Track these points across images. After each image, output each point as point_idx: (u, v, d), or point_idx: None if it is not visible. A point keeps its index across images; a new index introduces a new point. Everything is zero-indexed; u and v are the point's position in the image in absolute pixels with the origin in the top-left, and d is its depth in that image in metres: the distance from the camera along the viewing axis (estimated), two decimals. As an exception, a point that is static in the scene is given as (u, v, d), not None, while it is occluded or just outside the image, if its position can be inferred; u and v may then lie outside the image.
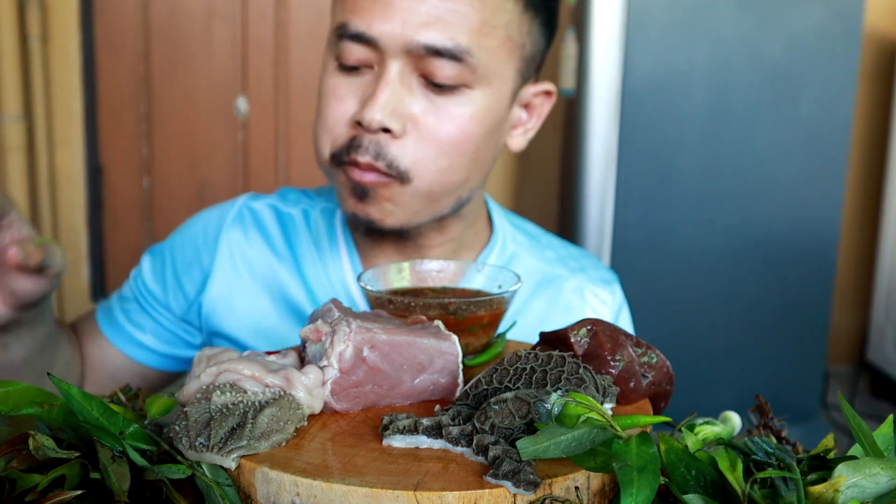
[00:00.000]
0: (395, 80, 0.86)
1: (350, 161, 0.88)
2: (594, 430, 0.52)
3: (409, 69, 0.86)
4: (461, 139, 0.88)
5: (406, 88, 0.86)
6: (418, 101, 0.87)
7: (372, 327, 0.63)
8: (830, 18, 2.37)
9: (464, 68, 0.86)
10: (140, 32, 3.12)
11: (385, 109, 0.85)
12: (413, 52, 0.85)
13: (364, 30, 0.85)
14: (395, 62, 0.85)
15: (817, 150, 2.44)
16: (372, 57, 0.87)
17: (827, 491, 0.50)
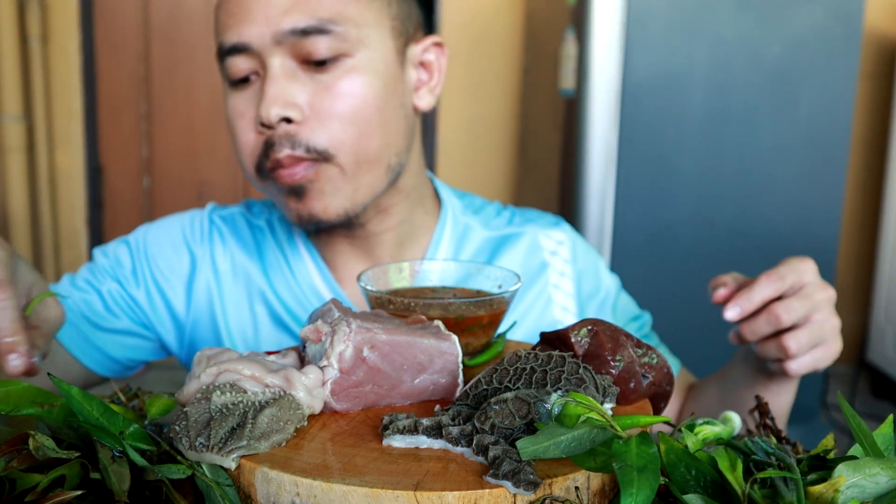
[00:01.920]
0: (278, 74, 0.89)
1: (272, 165, 0.90)
2: (594, 430, 0.52)
3: (288, 60, 0.89)
4: (360, 104, 0.90)
5: (291, 79, 0.89)
6: (306, 87, 0.89)
7: (372, 327, 0.63)
8: (830, 18, 2.37)
9: (334, 39, 0.89)
10: (140, 32, 3.12)
11: (277, 102, 0.88)
12: (284, 42, 0.88)
13: (236, 40, 0.89)
14: (273, 58, 0.89)
15: (817, 150, 2.44)
16: (254, 64, 0.90)
17: (827, 491, 0.50)
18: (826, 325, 0.85)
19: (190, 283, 1.02)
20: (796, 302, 0.84)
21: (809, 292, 0.85)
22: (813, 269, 0.87)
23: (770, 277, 0.85)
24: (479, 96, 3.20)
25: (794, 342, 0.84)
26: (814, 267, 0.87)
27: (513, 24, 3.18)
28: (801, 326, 0.84)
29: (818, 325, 0.85)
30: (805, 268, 0.86)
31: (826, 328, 0.85)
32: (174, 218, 1.07)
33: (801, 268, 0.86)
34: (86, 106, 3.09)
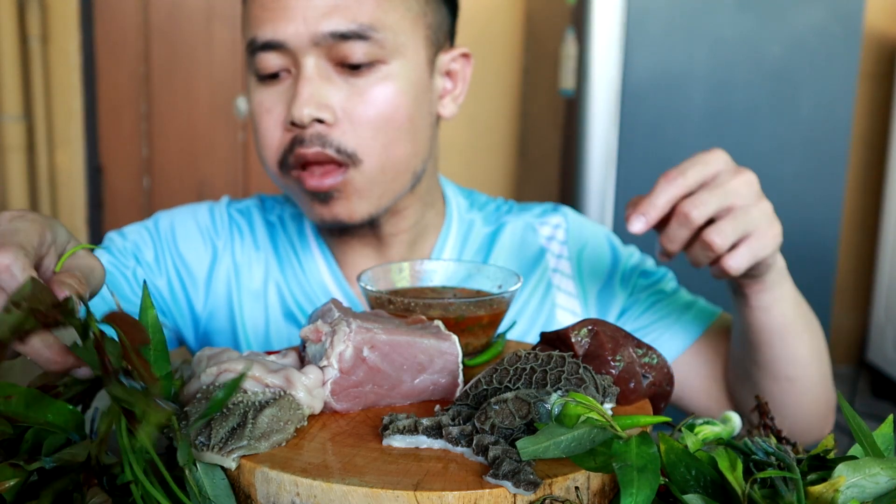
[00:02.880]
0: (312, 74, 0.89)
1: (296, 160, 0.90)
2: (594, 430, 0.52)
3: (323, 61, 0.89)
4: (392, 112, 0.91)
5: (325, 80, 0.89)
6: (340, 90, 0.90)
7: (372, 327, 0.63)
8: (830, 18, 2.37)
9: (372, 45, 0.89)
10: (140, 32, 3.12)
11: (311, 103, 0.88)
12: (322, 44, 0.88)
13: (271, 37, 0.89)
14: (308, 58, 0.89)
15: (817, 150, 2.44)
16: (286, 61, 0.90)
17: (827, 491, 0.50)
18: (753, 210, 0.76)
19: (210, 274, 1.03)
20: (706, 194, 0.75)
21: (721, 181, 0.76)
22: (722, 157, 0.78)
23: (668, 175, 0.76)
24: (479, 96, 3.20)
25: (717, 236, 0.75)
26: (723, 155, 0.78)
27: (513, 24, 3.18)
28: (722, 218, 0.76)
29: (742, 211, 0.76)
30: (711, 157, 0.78)
31: (754, 213, 0.76)
32: (190, 209, 1.07)
33: (706, 158, 0.78)
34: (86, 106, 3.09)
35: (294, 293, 1.02)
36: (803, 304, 0.92)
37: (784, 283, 0.87)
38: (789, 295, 0.88)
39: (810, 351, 0.92)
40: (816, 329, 0.94)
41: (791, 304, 0.88)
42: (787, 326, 0.88)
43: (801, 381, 0.92)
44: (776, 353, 0.90)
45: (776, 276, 0.85)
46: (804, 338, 0.91)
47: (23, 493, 0.50)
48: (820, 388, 0.95)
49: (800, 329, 0.90)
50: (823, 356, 0.95)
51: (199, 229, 1.04)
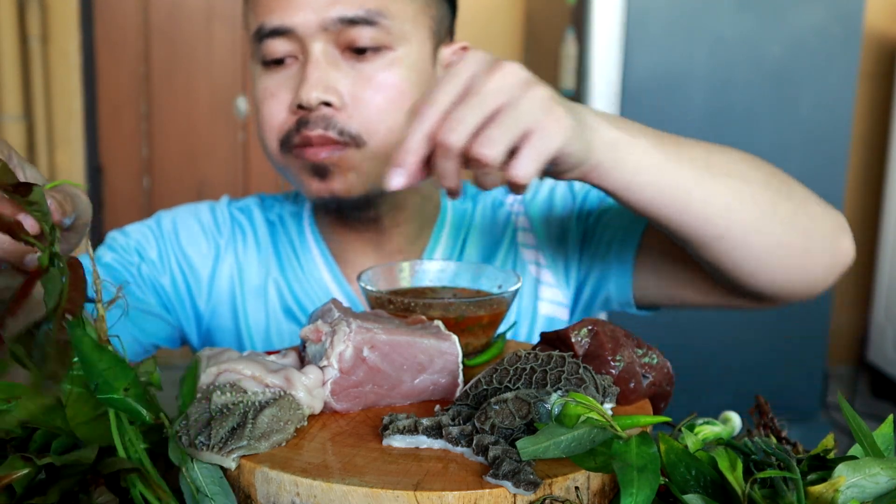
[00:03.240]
0: (320, 59, 0.90)
1: (300, 141, 0.92)
2: (594, 430, 0.52)
3: (330, 47, 0.91)
4: (397, 97, 0.92)
5: (333, 66, 0.91)
6: (347, 75, 0.91)
7: (372, 327, 0.63)
8: (830, 18, 2.37)
9: (379, 31, 0.91)
10: (140, 32, 3.12)
11: (319, 86, 0.89)
12: (330, 29, 0.90)
13: (279, 23, 0.90)
14: (316, 44, 0.90)
15: (817, 150, 2.44)
16: (294, 47, 0.92)
17: (827, 491, 0.50)
18: (522, 102, 0.62)
19: (213, 272, 1.04)
20: (460, 110, 0.62)
21: (476, 86, 0.63)
22: (475, 58, 0.64)
23: (418, 109, 0.63)
24: (479, 96, 3.20)
25: (485, 146, 0.61)
26: (476, 55, 0.65)
27: (513, 24, 3.18)
28: (487, 125, 0.62)
29: (509, 109, 0.62)
30: (461, 66, 0.64)
31: (524, 106, 0.62)
32: (191, 208, 1.08)
33: (456, 69, 0.64)
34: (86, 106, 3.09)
35: (294, 291, 1.03)
36: (688, 152, 0.76)
37: (628, 155, 0.71)
38: (648, 161, 0.72)
39: (728, 195, 0.76)
40: (726, 165, 0.78)
41: (657, 169, 0.73)
42: (669, 192, 0.74)
43: (736, 230, 0.77)
44: (680, 222, 0.76)
45: (604, 155, 0.70)
46: (707, 189, 0.75)
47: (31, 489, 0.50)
48: (777, 224, 0.78)
49: (689, 185, 0.74)
50: (759, 188, 0.78)
51: (202, 228, 1.05)
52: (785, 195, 0.80)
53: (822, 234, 0.82)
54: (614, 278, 1.00)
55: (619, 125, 0.71)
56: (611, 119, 0.71)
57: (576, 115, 0.66)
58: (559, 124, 0.64)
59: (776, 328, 2.53)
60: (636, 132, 0.72)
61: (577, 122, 0.66)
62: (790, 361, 2.55)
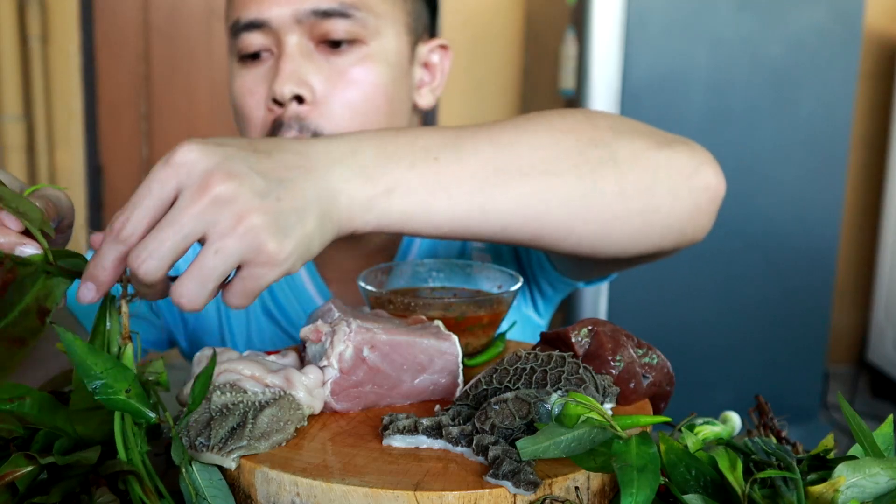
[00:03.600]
0: (294, 52, 0.90)
1: None
2: (594, 430, 0.52)
3: (304, 40, 0.90)
4: (371, 92, 0.91)
5: (307, 59, 0.90)
6: (321, 69, 0.90)
7: (372, 327, 0.63)
8: (830, 18, 2.37)
9: (354, 24, 0.90)
10: (140, 32, 3.12)
11: (292, 79, 0.88)
12: (304, 21, 0.89)
13: (255, 16, 0.90)
14: (290, 36, 0.90)
15: (817, 150, 2.44)
16: (269, 41, 0.91)
17: (827, 491, 0.50)
18: (227, 246, 0.53)
19: None
20: (154, 242, 0.53)
21: (175, 213, 0.53)
22: (184, 165, 0.54)
23: (113, 224, 0.55)
24: (479, 96, 3.20)
25: (182, 297, 0.54)
26: (188, 156, 0.54)
27: (513, 24, 3.18)
28: (192, 266, 0.54)
29: (212, 254, 0.53)
30: (163, 175, 0.54)
31: (230, 245, 0.53)
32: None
33: (159, 177, 0.54)
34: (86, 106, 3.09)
35: (273, 292, 1.02)
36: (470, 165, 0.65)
37: (388, 208, 0.62)
38: (412, 204, 0.63)
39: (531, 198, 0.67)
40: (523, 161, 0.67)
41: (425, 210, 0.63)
42: (451, 225, 0.65)
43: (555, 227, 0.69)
44: (489, 238, 0.68)
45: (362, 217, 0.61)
46: (499, 203, 0.66)
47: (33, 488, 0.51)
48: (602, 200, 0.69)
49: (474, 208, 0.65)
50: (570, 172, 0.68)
51: None
52: (607, 161, 0.69)
53: (668, 184, 0.72)
54: (550, 279, 1.01)
55: (376, 172, 0.62)
56: (370, 164, 0.62)
57: (305, 216, 0.57)
58: (274, 262, 0.55)
59: (776, 328, 2.53)
60: (399, 170, 0.62)
61: (304, 230, 0.56)
62: (790, 361, 2.55)
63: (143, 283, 0.54)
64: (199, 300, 0.54)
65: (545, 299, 1.05)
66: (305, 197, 0.57)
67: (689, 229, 0.76)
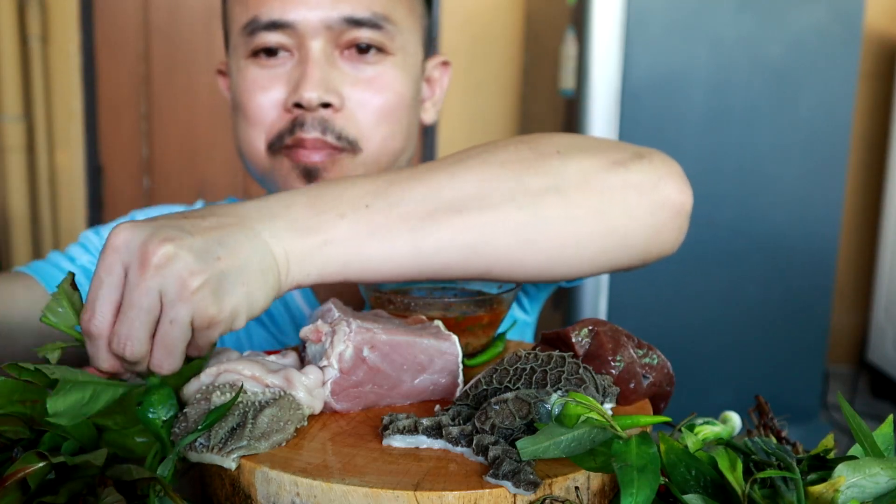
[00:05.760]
0: (320, 58, 0.87)
1: (293, 142, 0.88)
2: (594, 430, 0.52)
3: (330, 46, 0.88)
4: (396, 103, 0.91)
5: (332, 66, 0.88)
6: (346, 77, 0.89)
7: (372, 327, 0.63)
8: (830, 18, 2.37)
9: (383, 36, 0.89)
10: (140, 32, 3.12)
11: (321, 86, 0.86)
12: (333, 28, 0.87)
13: (278, 17, 0.87)
14: (315, 41, 0.87)
15: (817, 150, 2.44)
16: (290, 42, 0.88)
17: (827, 491, 0.50)
18: (179, 311, 0.56)
19: None
20: (124, 327, 0.56)
21: (130, 295, 0.56)
22: (119, 241, 0.56)
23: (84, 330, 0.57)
24: (479, 96, 3.20)
25: (163, 367, 0.57)
26: (121, 237, 0.56)
27: (513, 24, 3.18)
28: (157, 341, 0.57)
29: (168, 325, 0.56)
30: (105, 266, 0.56)
31: (183, 315, 0.56)
32: (165, 209, 1.04)
33: (101, 270, 0.56)
34: (86, 106, 3.09)
35: None
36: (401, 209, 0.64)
37: (314, 260, 0.62)
38: (339, 255, 0.63)
39: (469, 237, 0.65)
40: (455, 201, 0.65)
41: (360, 258, 0.63)
42: (388, 269, 0.65)
43: (502, 261, 0.67)
44: (436, 277, 0.68)
45: (294, 267, 0.62)
46: (436, 247, 0.64)
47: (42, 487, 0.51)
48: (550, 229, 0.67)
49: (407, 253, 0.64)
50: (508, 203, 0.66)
51: None
52: (551, 188, 0.67)
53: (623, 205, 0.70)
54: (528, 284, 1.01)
55: (309, 225, 0.62)
56: (302, 218, 0.62)
57: (246, 273, 0.58)
58: (216, 322, 0.57)
59: (776, 328, 2.53)
60: (330, 221, 0.62)
61: (245, 288, 0.58)
62: (790, 361, 2.55)
63: (134, 364, 0.57)
64: (176, 363, 0.57)
65: (529, 298, 1.05)
66: (243, 254, 0.58)
67: (652, 247, 0.74)
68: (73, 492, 0.51)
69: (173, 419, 0.58)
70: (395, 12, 0.90)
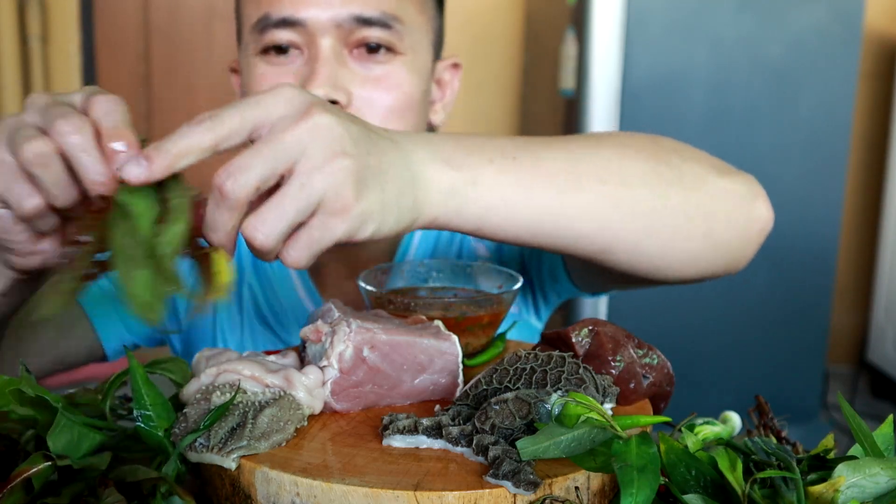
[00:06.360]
0: (329, 56, 0.87)
1: None
2: (594, 430, 0.52)
3: (339, 44, 0.88)
4: (404, 103, 0.90)
5: (341, 64, 0.88)
6: (355, 75, 0.88)
7: (372, 327, 0.63)
8: (830, 18, 2.37)
9: (392, 35, 0.88)
10: (140, 32, 3.12)
11: (329, 84, 0.86)
12: (343, 26, 0.87)
13: (289, 14, 0.87)
14: (325, 39, 0.87)
15: (817, 150, 2.44)
16: (300, 40, 0.88)
17: (827, 491, 0.50)
18: (315, 180, 0.52)
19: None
20: (248, 156, 0.52)
21: (277, 132, 0.53)
22: (286, 95, 0.54)
23: (198, 117, 0.53)
24: (479, 96, 3.20)
25: (258, 230, 0.52)
26: (289, 93, 0.54)
27: (513, 24, 3.18)
28: (273, 199, 0.53)
29: (300, 181, 0.52)
30: (268, 98, 0.54)
31: (315, 185, 0.52)
32: None
33: (262, 98, 0.54)
34: (86, 106, 3.09)
35: (268, 298, 1.01)
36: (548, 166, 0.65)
37: (470, 198, 0.61)
38: (496, 198, 0.63)
39: (604, 206, 0.67)
40: (598, 169, 0.67)
41: (507, 204, 0.63)
42: (528, 223, 0.65)
43: (622, 240, 0.69)
44: (555, 246, 0.68)
45: (440, 206, 0.61)
46: (575, 207, 0.65)
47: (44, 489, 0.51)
48: (668, 218, 0.70)
49: (553, 209, 0.65)
50: (642, 186, 0.69)
51: None
52: (675, 181, 0.71)
53: (728, 211, 0.74)
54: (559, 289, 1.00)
55: (458, 161, 0.61)
56: (450, 154, 0.61)
57: (386, 180, 0.56)
58: (346, 213, 0.54)
59: (776, 328, 2.53)
60: (480, 163, 0.62)
61: (382, 195, 0.56)
62: (790, 361, 2.55)
63: (223, 203, 0.52)
64: (274, 236, 0.52)
65: (548, 306, 1.04)
66: (391, 162, 0.57)
67: (737, 257, 0.77)
68: (75, 493, 0.51)
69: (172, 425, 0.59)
70: (405, 12, 0.89)
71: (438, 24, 0.97)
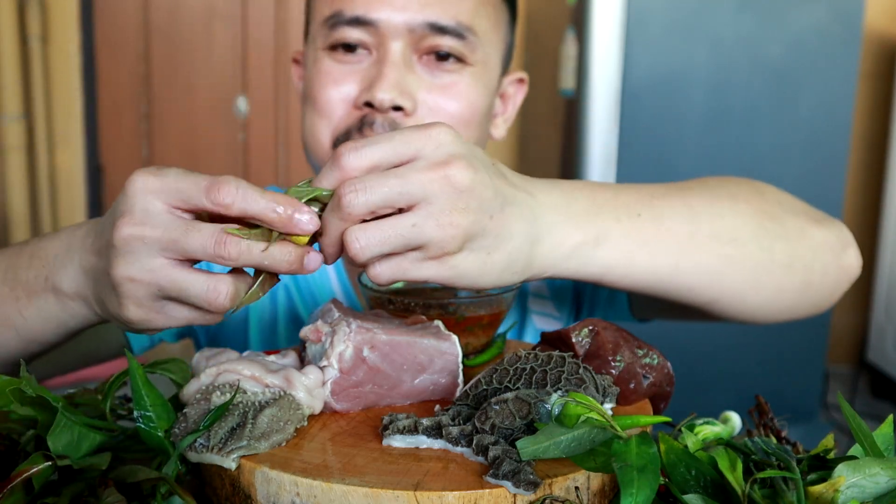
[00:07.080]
0: (398, 60, 0.86)
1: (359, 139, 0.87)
2: (594, 430, 0.52)
3: (409, 50, 0.87)
4: (469, 112, 0.89)
5: (409, 69, 0.87)
6: (422, 81, 0.88)
7: (372, 327, 0.63)
8: (830, 18, 2.37)
9: (464, 46, 0.88)
10: (140, 32, 3.12)
11: (395, 88, 0.85)
12: (416, 32, 0.86)
13: (362, 13, 0.86)
14: (395, 42, 0.86)
15: (817, 150, 2.44)
16: (370, 40, 0.87)
17: (827, 491, 0.50)
18: (429, 222, 0.54)
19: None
20: (375, 178, 0.54)
21: (412, 168, 0.55)
22: (438, 137, 0.56)
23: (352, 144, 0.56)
24: (479, 96, 3.20)
25: (356, 241, 0.54)
26: (441, 136, 0.56)
27: (513, 24, 3.18)
28: (384, 223, 0.55)
29: (414, 217, 0.54)
30: (419, 134, 0.56)
31: (429, 229, 0.54)
32: None
33: (413, 135, 0.56)
34: (86, 106, 3.09)
35: (302, 293, 1.01)
36: (669, 224, 0.68)
37: (593, 257, 0.64)
38: (617, 257, 0.65)
39: (717, 263, 0.70)
40: (714, 225, 0.70)
41: (628, 262, 0.66)
42: (645, 279, 0.68)
43: (729, 293, 0.73)
44: (665, 296, 0.71)
45: (560, 263, 0.63)
46: (691, 264, 0.69)
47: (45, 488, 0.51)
48: (773, 273, 0.74)
49: (670, 266, 0.68)
50: (752, 243, 0.72)
51: None
52: (780, 236, 0.74)
53: (823, 262, 0.78)
54: (611, 313, 1.00)
55: (587, 220, 0.63)
56: (583, 210, 0.63)
57: (498, 246, 0.58)
58: (443, 265, 0.57)
59: (776, 328, 2.53)
60: (607, 222, 0.64)
61: (487, 258, 0.58)
62: (790, 361, 2.55)
63: (337, 211, 0.54)
64: (369, 253, 0.55)
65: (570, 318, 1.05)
66: (514, 227, 0.59)
67: (826, 304, 0.81)
68: (75, 493, 0.51)
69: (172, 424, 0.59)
70: (480, 25, 0.88)
71: (510, 40, 0.97)
